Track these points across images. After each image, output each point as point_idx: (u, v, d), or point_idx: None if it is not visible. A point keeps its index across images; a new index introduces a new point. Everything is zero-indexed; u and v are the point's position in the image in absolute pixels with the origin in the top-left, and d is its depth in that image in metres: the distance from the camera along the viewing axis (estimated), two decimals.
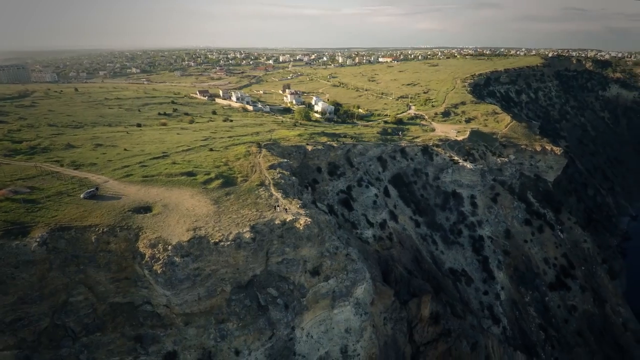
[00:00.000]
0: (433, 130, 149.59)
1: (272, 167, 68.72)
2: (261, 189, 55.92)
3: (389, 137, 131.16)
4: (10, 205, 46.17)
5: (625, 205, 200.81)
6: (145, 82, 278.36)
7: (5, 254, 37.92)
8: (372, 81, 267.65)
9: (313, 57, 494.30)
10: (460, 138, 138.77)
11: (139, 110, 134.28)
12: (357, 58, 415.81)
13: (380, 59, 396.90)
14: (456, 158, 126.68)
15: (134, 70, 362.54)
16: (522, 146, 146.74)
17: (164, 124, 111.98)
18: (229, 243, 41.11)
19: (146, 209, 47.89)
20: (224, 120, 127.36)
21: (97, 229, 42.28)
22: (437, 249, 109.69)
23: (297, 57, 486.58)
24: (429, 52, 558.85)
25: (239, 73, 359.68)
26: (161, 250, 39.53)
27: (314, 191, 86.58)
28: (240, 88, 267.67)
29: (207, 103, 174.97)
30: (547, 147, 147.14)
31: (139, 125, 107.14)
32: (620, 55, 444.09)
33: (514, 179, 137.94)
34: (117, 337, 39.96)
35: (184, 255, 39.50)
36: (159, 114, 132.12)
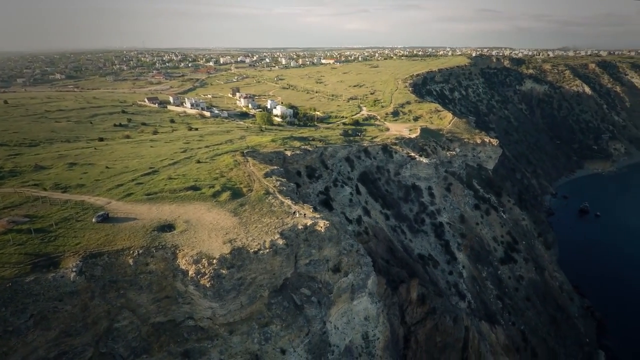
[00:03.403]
0: (387, 129, 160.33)
1: (267, 175, 71.47)
2: (270, 197, 58.86)
3: (350, 138, 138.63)
4: (20, 237, 43.98)
5: (546, 185, 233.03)
6: (75, 90, 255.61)
7: (44, 288, 36.90)
8: (320, 83, 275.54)
9: (255, 58, 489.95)
10: (413, 136, 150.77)
11: (91, 123, 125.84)
12: (300, 60, 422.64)
13: (323, 61, 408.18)
14: (412, 154, 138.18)
15: (58, 76, 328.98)
16: (465, 140, 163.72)
17: (128, 137, 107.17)
18: (267, 251, 44.09)
19: (169, 227, 48.49)
20: (189, 130, 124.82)
21: (131, 252, 42.43)
22: (406, 238, 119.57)
23: (239, 59, 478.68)
24: (366, 53, 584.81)
25: (179, 76, 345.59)
26: (206, 264, 41.25)
27: (298, 194, 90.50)
28: (184, 92, 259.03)
29: (160, 111, 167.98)
30: (485, 140, 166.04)
31: (101, 139, 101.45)
32: (531, 53, 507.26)
33: (461, 170, 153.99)
34: (164, 355, 40.99)
35: (229, 266, 41.70)
36: (115, 125, 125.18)
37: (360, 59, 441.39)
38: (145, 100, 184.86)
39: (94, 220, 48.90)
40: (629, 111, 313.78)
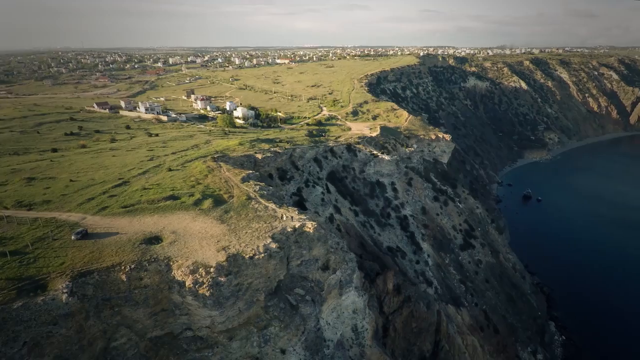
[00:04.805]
0: (349, 129, 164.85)
1: (244, 179, 71.68)
2: (253, 202, 59.46)
3: (316, 138, 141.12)
4: None
5: (493, 175, 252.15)
6: (9, 96, 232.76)
7: (34, 313, 35.07)
8: (277, 83, 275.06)
9: (207, 58, 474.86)
10: (373, 134, 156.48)
11: (38, 132, 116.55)
12: (255, 60, 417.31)
13: (278, 61, 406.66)
14: (375, 152, 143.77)
15: None
16: (421, 136, 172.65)
17: (84, 146, 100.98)
18: (262, 255, 45.05)
19: (156, 239, 47.61)
20: (149, 136, 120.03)
21: (122, 267, 41.34)
22: (375, 232, 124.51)
23: (189, 59, 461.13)
24: (319, 53, 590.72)
25: (126, 78, 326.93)
26: (204, 274, 41.37)
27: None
28: (133, 96, 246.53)
29: (112, 117, 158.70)
30: (439, 135, 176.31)
31: (54, 150, 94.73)
32: (472, 52, 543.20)
33: (420, 165, 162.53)
34: None
35: (227, 274, 42.18)
36: (66, 134, 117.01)
37: (315, 58, 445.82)
38: (95, 105, 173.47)
39: (72, 237, 46.72)
40: (560, 104, 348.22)
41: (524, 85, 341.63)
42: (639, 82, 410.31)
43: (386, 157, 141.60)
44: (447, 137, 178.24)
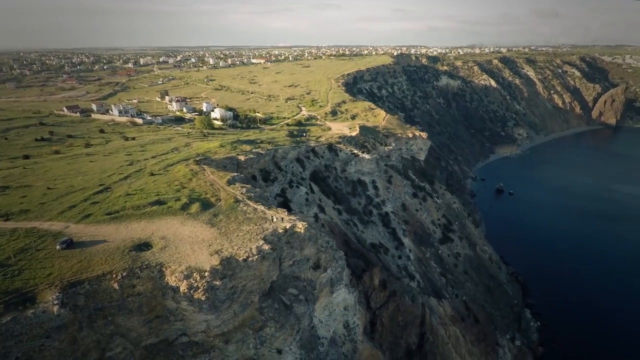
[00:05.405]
0: (329, 129, 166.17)
1: (229, 182, 71.34)
2: (241, 205, 59.50)
3: (297, 138, 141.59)
4: None
5: (467, 170, 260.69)
6: None
7: (25, 327, 34.01)
8: (254, 83, 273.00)
9: (179, 58, 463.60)
10: (353, 134, 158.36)
11: (6, 139, 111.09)
12: (229, 59, 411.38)
13: (254, 60, 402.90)
14: (356, 151, 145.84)
15: None
16: (398, 135, 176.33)
17: (58, 152, 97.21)
18: (255, 257, 45.40)
19: (146, 245, 46.98)
20: (126, 140, 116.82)
21: (114, 276, 40.62)
22: (358, 229, 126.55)
23: (161, 59, 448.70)
24: (295, 52, 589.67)
25: (95, 80, 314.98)
26: (198, 278, 41.30)
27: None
28: (104, 98, 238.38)
29: (84, 120, 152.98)
30: (416, 134, 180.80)
31: (26, 157, 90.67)
32: (444, 51, 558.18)
33: (398, 162, 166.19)
34: None
35: (222, 277, 42.28)
36: (36, 139, 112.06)
37: (290, 58, 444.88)
38: (64, 109, 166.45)
39: (57, 247, 45.40)
40: (527, 100, 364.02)
41: (493, 83, 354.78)
42: (600, 79, 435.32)
43: (366, 156, 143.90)
44: (424, 135, 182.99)
